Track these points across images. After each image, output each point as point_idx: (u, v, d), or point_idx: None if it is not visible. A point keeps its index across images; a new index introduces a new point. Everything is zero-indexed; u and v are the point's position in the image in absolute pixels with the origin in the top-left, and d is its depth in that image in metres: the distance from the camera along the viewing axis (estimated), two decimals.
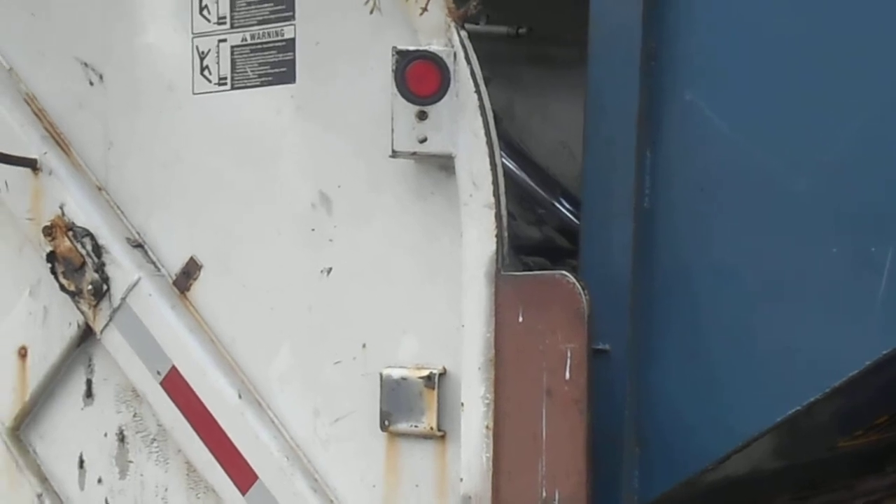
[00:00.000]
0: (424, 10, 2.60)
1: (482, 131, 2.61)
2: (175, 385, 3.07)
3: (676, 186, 2.91)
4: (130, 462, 3.23)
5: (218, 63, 3.00)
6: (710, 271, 2.87)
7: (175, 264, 3.11)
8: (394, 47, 2.63)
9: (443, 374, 2.68)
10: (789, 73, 2.82)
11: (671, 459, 2.95)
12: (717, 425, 2.89)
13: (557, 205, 3.77)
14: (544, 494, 2.60)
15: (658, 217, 2.94)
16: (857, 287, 2.72)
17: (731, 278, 2.85)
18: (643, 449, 2.92)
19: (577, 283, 2.60)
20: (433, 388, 2.68)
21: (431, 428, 2.68)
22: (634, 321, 2.89)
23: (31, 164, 3.23)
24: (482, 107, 2.62)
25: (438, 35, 2.64)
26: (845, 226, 2.71)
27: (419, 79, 2.63)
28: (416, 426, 2.70)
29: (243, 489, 2.97)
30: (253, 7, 2.93)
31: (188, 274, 3.09)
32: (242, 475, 2.99)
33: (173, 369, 3.06)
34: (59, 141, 3.29)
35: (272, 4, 2.92)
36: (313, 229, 2.88)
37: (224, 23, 2.98)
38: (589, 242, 3.04)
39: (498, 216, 2.61)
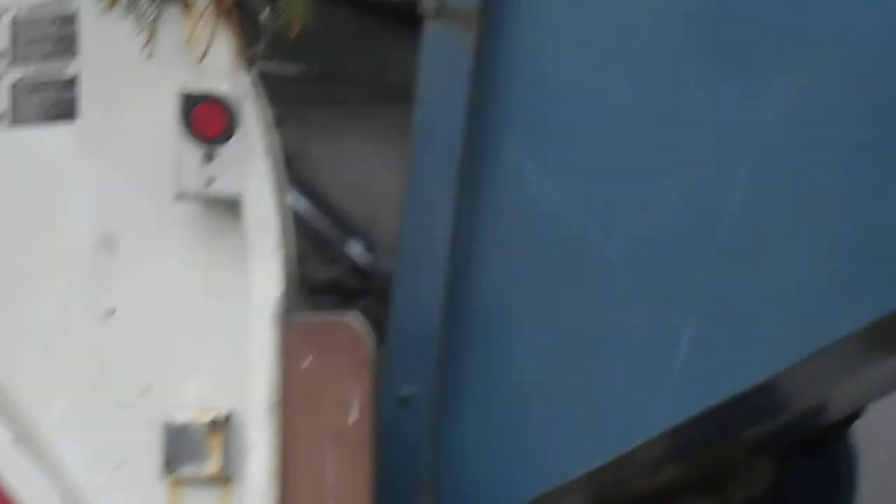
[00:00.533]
0: (202, 57, 2.62)
1: (270, 173, 2.65)
2: None
3: (491, 240, 2.96)
4: None
5: None
6: (517, 325, 2.93)
7: None
8: (179, 90, 2.64)
9: (228, 417, 2.66)
10: (610, 140, 2.92)
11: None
12: (508, 478, 2.95)
13: (349, 245, 3.78)
14: None
15: (470, 268, 2.96)
16: (655, 355, 2.82)
17: (535, 333, 2.91)
18: (438, 495, 2.95)
19: (362, 328, 2.66)
20: (218, 432, 2.65)
21: (216, 472, 2.64)
22: (441, 369, 2.93)
23: None
24: (270, 148, 2.66)
25: (226, 76, 2.67)
26: (649, 295, 2.82)
27: (205, 120, 2.64)
28: (200, 471, 2.66)
29: None
30: (35, 43, 2.91)
31: None
32: None
33: None
34: None
35: (55, 41, 2.92)
36: (96, 270, 2.85)
37: (7, 55, 2.97)
38: (401, 287, 3.07)
39: (285, 259, 2.64)
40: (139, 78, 2.79)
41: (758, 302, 2.86)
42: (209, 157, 2.61)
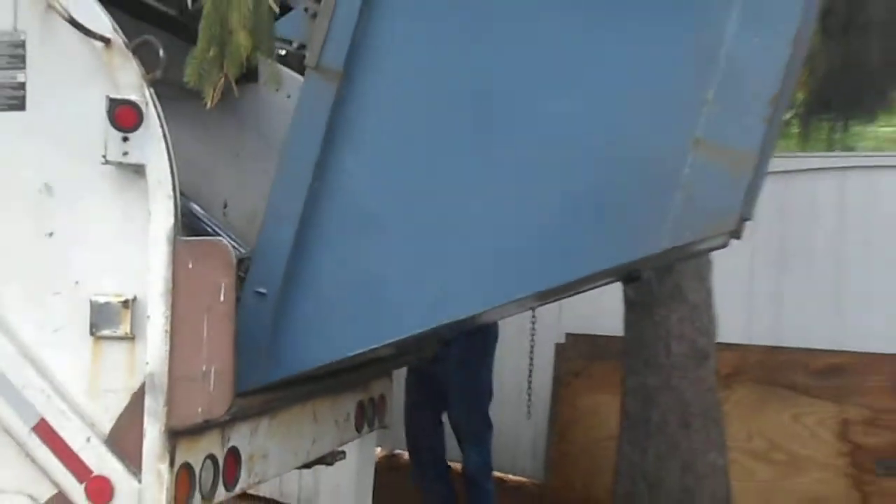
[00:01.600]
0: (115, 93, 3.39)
1: (165, 151, 3.44)
2: None
3: (333, 199, 3.69)
4: None
5: None
6: (332, 250, 3.74)
7: None
8: (107, 96, 3.43)
9: (135, 298, 3.46)
10: (414, 151, 3.71)
11: (284, 360, 3.79)
12: (325, 343, 3.81)
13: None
14: (204, 368, 3.43)
15: (313, 224, 3.71)
16: (420, 279, 3.69)
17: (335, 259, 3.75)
18: (272, 350, 3.76)
19: (227, 245, 3.55)
20: (128, 308, 3.45)
21: (126, 333, 3.45)
22: (284, 274, 3.73)
23: None
24: (164, 136, 3.44)
25: (136, 89, 3.45)
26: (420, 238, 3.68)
27: (124, 116, 3.41)
28: (114, 332, 3.46)
29: None
30: None
31: None
32: None
33: None
34: None
35: (9, 57, 3.58)
36: (41, 207, 3.57)
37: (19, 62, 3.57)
38: (264, 231, 3.79)
39: (175, 203, 3.43)
40: (75, 83, 3.53)
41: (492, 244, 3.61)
42: (125, 139, 3.41)
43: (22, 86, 3.58)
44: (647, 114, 3.45)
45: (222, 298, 3.48)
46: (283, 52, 4.31)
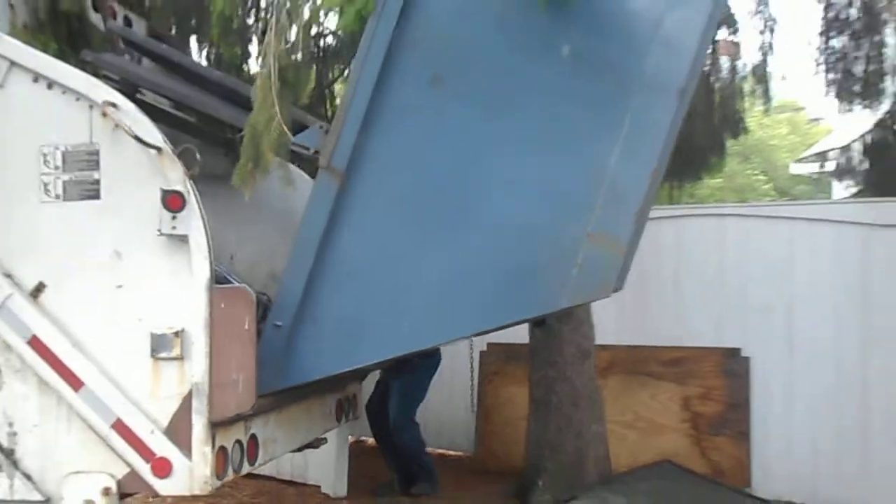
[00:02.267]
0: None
1: (202, 225, 3.59)
2: (36, 344, 3.65)
3: (337, 260, 3.87)
4: (4, 382, 3.74)
5: (56, 187, 3.73)
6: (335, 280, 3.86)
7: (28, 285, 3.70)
8: (160, 188, 3.56)
9: (182, 330, 3.56)
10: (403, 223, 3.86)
11: (292, 373, 3.92)
12: (321, 362, 3.96)
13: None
14: (234, 377, 3.59)
15: (323, 269, 3.88)
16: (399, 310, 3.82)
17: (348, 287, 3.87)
18: (283, 366, 3.88)
19: (249, 291, 3.69)
20: (178, 337, 3.56)
21: (177, 355, 3.56)
22: (295, 314, 3.87)
23: None
24: (202, 214, 3.59)
25: (181, 182, 3.59)
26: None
27: (172, 202, 3.57)
28: (167, 355, 3.57)
29: (76, 388, 3.63)
30: (76, 161, 3.70)
31: (38, 290, 3.71)
32: (74, 381, 3.64)
33: (34, 337, 3.65)
34: None
35: (86, 161, 3.70)
36: (112, 267, 3.65)
37: (59, 168, 3.71)
38: (284, 284, 3.95)
39: (210, 262, 3.57)
40: (137, 179, 3.64)
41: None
42: (173, 217, 3.57)
43: (97, 182, 3.72)
44: (559, 214, 3.73)
45: (246, 327, 3.68)
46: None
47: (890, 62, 7.78)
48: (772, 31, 7.83)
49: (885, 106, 7.80)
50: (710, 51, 7.78)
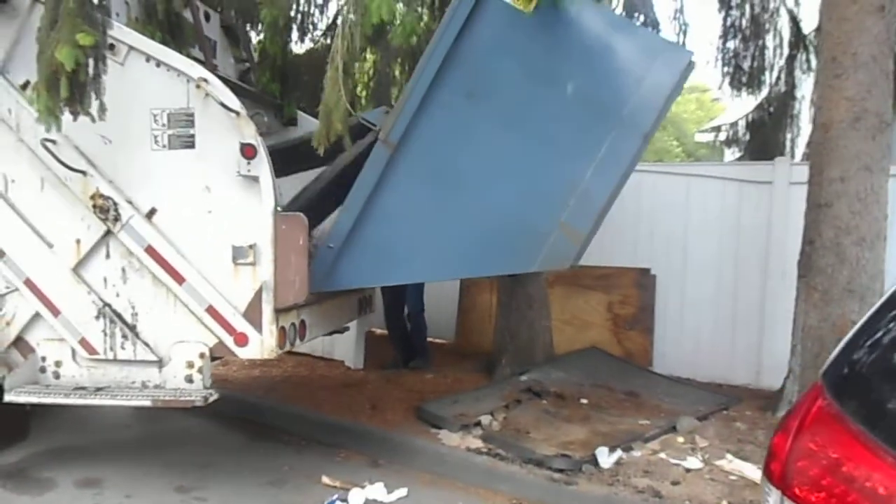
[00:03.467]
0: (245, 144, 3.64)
1: (269, 169, 3.70)
2: (150, 251, 3.84)
3: (375, 208, 3.91)
4: (128, 277, 3.94)
5: (163, 139, 3.84)
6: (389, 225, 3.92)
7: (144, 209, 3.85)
8: (239, 141, 3.67)
9: (253, 245, 3.72)
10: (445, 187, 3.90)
11: (336, 280, 4.02)
12: (359, 276, 4.06)
13: None
14: (292, 278, 3.73)
15: (369, 213, 3.92)
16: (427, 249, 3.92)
17: (390, 220, 3.92)
18: (330, 274, 3.96)
19: (302, 217, 3.79)
20: (252, 249, 3.71)
21: (251, 262, 3.72)
22: (344, 240, 3.94)
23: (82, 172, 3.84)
24: (269, 161, 3.68)
25: (253, 137, 3.69)
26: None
27: (248, 151, 3.70)
28: (244, 261, 3.75)
29: (180, 283, 3.83)
30: (177, 120, 3.80)
31: (151, 213, 3.86)
32: (178, 277, 3.83)
33: (149, 246, 3.84)
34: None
35: (185, 120, 3.79)
36: (204, 197, 3.79)
37: (165, 125, 3.79)
38: (338, 222, 3.97)
39: (275, 195, 3.71)
40: (222, 134, 3.73)
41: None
42: (248, 163, 3.70)
43: (192, 136, 3.83)
44: (544, 204, 3.88)
45: (301, 243, 3.85)
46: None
47: (768, 60, 7.90)
48: (685, 32, 7.90)
49: (763, 93, 7.94)
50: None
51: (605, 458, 4.17)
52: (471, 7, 3.75)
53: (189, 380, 3.91)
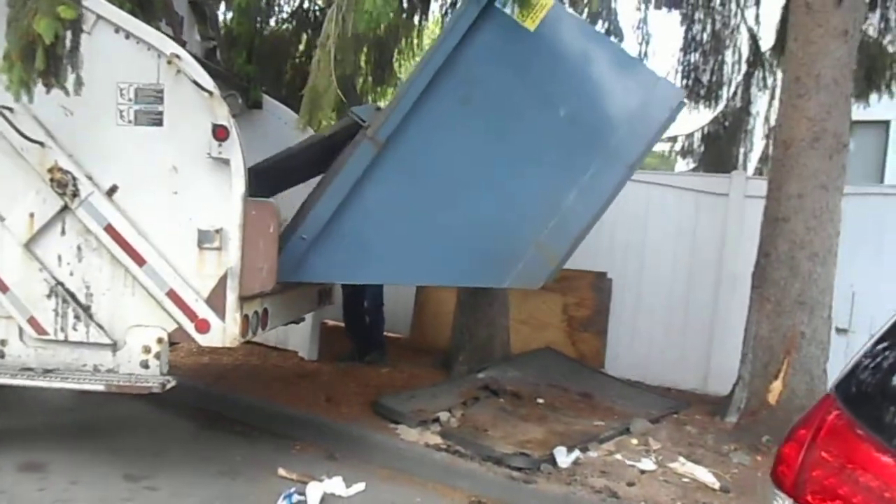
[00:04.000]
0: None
1: (240, 152, 3.61)
2: (110, 230, 3.70)
3: (355, 202, 3.85)
4: (84, 256, 3.78)
5: (129, 114, 3.71)
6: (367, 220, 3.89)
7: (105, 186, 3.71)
8: (211, 122, 3.57)
9: (220, 229, 3.62)
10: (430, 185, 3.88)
11: (304, 272, 3.98)
12: (328, 271, 4.03)
13: None
14: (260, 265, 3.64)
15: (346, 207, 3.86)
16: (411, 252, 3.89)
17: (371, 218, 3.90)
18: (299, 266, 3.94)
19: (273, 203, 3.74)
20: (218, 233, 3.62)
21: (217, 246, 3.62)
22: (318, 233, 3.87)
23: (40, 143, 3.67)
24: (240, 144, 3.61)
25: (226, 119, 3.60)
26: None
27: (220, 133, 3.60)
28: (210, 245, 3.64)
29: (140, 265, 3.70)
30: (146, 96, 3.67)
31: (112, 190, 3.73)
32: (138, 259, 3.70)
33: (109, 225, 3.69)
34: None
35: (153, 97, 3.68)
36: (171, 178, 3.67)
37: (132, 100, 3.68)
38: (311, 208, 3.92)
39: (245, 180, 3.61)
40: (191, 112, 3.62)
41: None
42: (220, 145, 3.59)
43: (161, 113, 3.71)
44: (523, 222, 3.91)
45: (271, 230, 3.77)
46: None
47: (726, 76, 8.12)
48: (647, 42, 8.06)
49: (720, 107, 8.15)
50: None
51: (563, 457, 4.22)
52: (475, 15, 3.74)
53: (145, 365, 3.78)
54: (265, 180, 4.02)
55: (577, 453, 4.33)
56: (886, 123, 8.81)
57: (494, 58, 3.81)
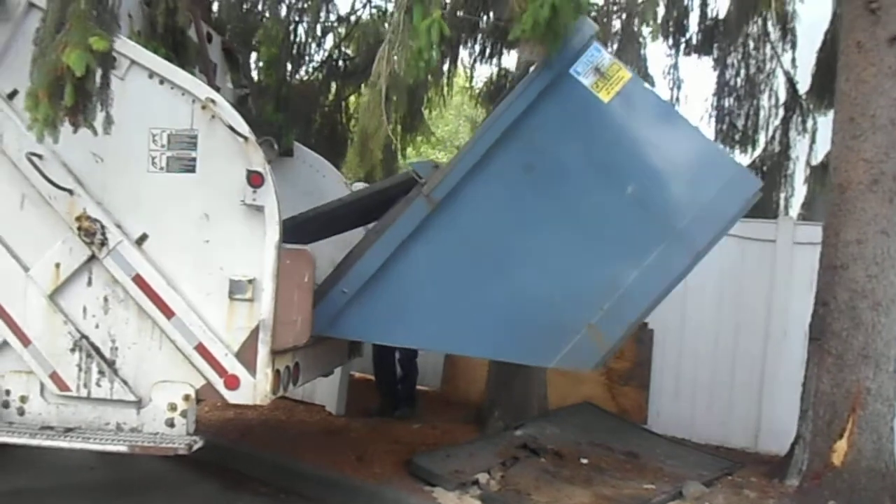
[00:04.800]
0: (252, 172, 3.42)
1: (275, 199, 3.49)
2: (138, 280, 3.58)
3: (402, 263, 3.76)
4: (110, 308, 3.65)
5: (161, 161, 3.63)
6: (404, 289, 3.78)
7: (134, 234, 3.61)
8: (246, 168, 3.47)
9: (254, 279, 3.49)
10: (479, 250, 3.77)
11: (340, 329, 3.90)
12: (365, 331, 3.96)
13: None
14: (294, 318, 3.49)
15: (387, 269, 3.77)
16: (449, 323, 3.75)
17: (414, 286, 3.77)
18: (336, 322, 3.83)
19: (309, 252, 3.62)
20: (251, 284, 3.49)
21: (249, 297, 3.50)
22: (360, 288, 3.81)
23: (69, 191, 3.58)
24: (276, 191, 3.49)
25: (261, 165, 3.49)
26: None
27: (255, 179, 3.50)
28: (242, 296, 3.52)
29: (168, 317, 3.55)
30: (179, 142, 3.60)
31: (142, 239, 3.61)
32: (167, 311, 3.56)
33: (137, 275, 3.58)
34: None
35: (187, 142, 3.59)
36: (202, 226, 3.58)
37: (164, 146, 3.61)
38: (365, 258, 3.88)
39: (279, 228, 3.50)
40: (224, 160, 3.54)
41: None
42: (254, 192, 3.49)
43: (194, 159, 3.62)
44: (576, 302, 3.71)
45: (306, 280, 3.64)
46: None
47: (763, 120, 7.96)
48: (679, 87, 7.96)
49: (757, 152, 7.99)
50: None
51: None
52: (548, 82, 3.64)
53: (170, 424, 3.59)
54: (310, 228, 3.98)
55: None
56: None
57: (564, 127, 3.69)
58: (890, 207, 4.46)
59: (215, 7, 6.36)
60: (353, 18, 8.04)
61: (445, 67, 7.54)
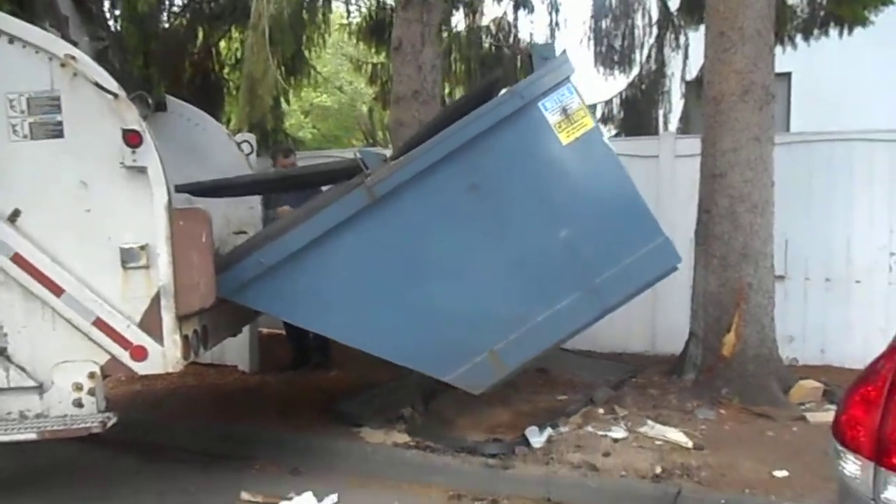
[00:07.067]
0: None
1: (158, 158, 3.39)
2: (18, 259, 3.40)
3: (327, 247, 3.69)
4: None
5: (23, 128, 3.42)
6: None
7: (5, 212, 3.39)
8: (121, 127, 3.32)
9: (146, 244, 3.39)
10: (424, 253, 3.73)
11: (251, 298, 3.80)
12: (273, 304, 3.83)
13: None
14: (196, 280, 3.45)
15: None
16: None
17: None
18: (247, 289, 3.75)
19: (203, 210, 3.54)
20: (144, 250, 3.39)
21: (144, 265, 3.40)
22: (279, 260, 3.69)
23: None
24: (157, 149, 3.38)
25: (136, 122, 3.37)
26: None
27: (132, 139, 3.37)
28: (136, 264, 3.42)
29: (58, 295, 3.40)
30: (40, 106, 3.39)
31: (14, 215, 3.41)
32: (55, 289, 3.40)
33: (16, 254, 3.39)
34: None
35: (49, 105, 3.39)
36: (80, 195, 3.40)
37: (25, 112, 3.40)
38: (290, 235, 3.72)
39: (167, 187, 3.39)
40: (96, 119, 3.36)
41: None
42: (133, 152, 3.36)
43: (60, 123, 3.42)
44: (486, 325, 3.77)
45: (203, 240, 3.52)
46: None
47: (638, 39, 8.22)
48: (557, 11, 8.07)
49: (635, 71, 8.26)
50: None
51: (536, 437, 4.14)
52: (513, 109, 3.65)
53: (78, 404, 3.45)
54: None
55: (548, 431, 4.25)
56: (788, 75, 9.09)
57: (517, 157, 3.70)
58: (760, 115, 4.76)
59: None
60: None
61: (320, 2, 7.27)
